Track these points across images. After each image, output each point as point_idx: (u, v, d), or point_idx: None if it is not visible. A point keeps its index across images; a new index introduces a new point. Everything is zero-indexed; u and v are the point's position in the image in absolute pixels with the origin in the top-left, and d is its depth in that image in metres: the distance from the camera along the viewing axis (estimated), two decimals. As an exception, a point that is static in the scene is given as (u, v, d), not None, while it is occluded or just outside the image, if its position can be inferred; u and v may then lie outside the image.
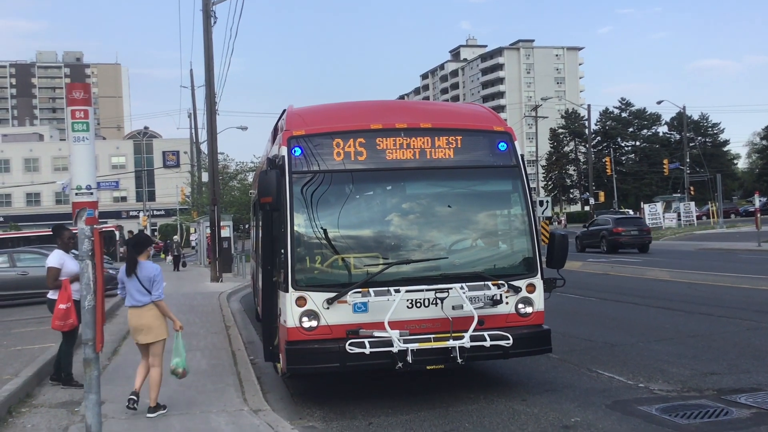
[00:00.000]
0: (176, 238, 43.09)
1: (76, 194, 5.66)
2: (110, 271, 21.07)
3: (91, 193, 5.66)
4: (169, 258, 41.20)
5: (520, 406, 7.76)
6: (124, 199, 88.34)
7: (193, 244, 45.66)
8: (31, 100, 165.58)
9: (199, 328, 14.19)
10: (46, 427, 7.31)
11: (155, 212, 74.69)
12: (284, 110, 8.97)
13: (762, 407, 7.31)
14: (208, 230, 26.85)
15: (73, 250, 8.86)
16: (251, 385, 8.85)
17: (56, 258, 9.17)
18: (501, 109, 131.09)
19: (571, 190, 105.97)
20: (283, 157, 7.91)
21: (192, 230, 48.50)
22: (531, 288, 8.10)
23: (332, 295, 7.53)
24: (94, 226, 5.66)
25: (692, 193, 69.13)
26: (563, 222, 72.16)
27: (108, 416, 7.31)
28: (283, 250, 7.69)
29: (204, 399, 8.25)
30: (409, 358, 7.33)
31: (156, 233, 72.06)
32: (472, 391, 8.46)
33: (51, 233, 9.97)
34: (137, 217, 75.61)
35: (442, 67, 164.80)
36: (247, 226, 41.47)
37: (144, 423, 7.32)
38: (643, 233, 33.96)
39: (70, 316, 8.76)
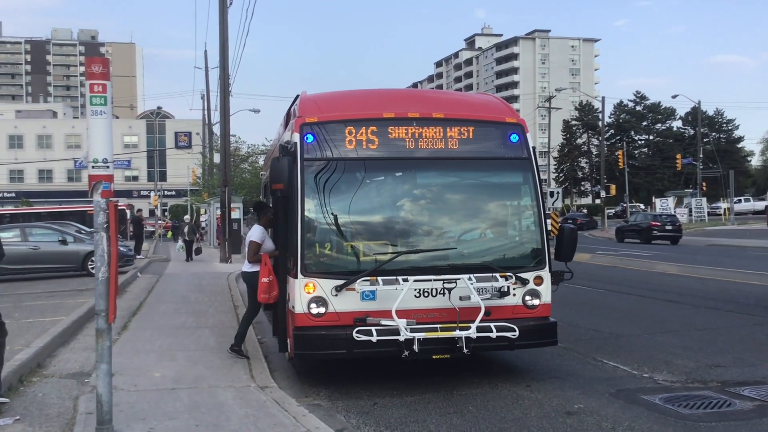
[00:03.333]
0: (187, 218, 42.23)
1: (93, 167, 5.73)
2: (121, 249, 21.27)
3: (108, 167, 5.73)
4: (180, 243, 31.26)
5: (524, 392, 7.82)
6: (135, 178, 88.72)
7: (203, 225, 44.80)
8: (46, 77, 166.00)
9: (208, 307, 14.35)
10: (57, 397, 7.43)
11: (166, 192, 74.91)
12: (297, 96, 8.99)
13: (765, 400, 7.35)
14: (219, 212, 26.86)
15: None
16: (259, 363, 8.95)
17: (258, 233, 9.36)
18: (515, 99, 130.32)
19: (583, 183, 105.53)
20: (296, 143, 7.93)
21: (202, 211, 48.18)
22: (538, 280, 8.12)
23: (341, 282, 7.59)
24: (110, 199, 5.74)
25: (704, 189, 68.73)
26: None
27: (117, 388, 7.41)
28: (293, 237, 7.76)
29: (212, 374, 8.36)
30: (416, 347, 7.38)
31: (166, 213, 72.26)
32: (477, 375, 8.53)
33: (253, 209, 10.70)
34: (148, 196, 75.84)
35: (456, 55, 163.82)
36: (256, 209, 41.14)
37: (153, 395, 7.44)
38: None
39: (274, 289, 8.93)
